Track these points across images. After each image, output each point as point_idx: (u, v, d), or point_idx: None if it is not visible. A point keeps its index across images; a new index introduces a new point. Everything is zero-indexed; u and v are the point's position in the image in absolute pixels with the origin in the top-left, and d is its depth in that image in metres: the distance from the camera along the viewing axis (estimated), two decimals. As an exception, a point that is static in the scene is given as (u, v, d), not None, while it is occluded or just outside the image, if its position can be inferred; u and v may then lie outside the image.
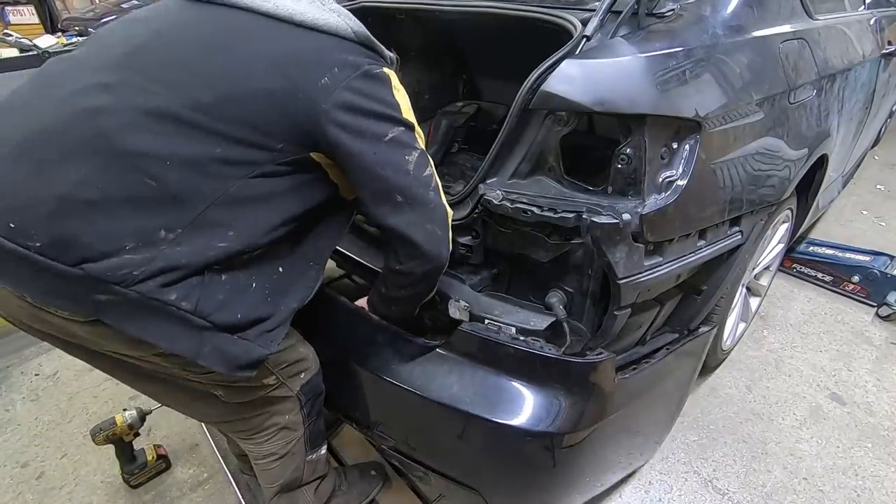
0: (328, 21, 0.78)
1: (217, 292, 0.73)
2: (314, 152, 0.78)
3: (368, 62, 0.79)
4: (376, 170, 0.79)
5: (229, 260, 0.74)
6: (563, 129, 0.94)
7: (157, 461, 1.48)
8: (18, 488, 1.48)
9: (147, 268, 0.67)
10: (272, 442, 1.04)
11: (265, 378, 0.94)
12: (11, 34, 2.58)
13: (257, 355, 0.79)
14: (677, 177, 0.96)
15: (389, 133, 0.79)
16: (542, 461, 0.97)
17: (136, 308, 0.68)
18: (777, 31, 1.27)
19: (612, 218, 0.89)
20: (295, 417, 1.04)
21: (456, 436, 1.01)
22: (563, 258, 1.01)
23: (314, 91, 0.74)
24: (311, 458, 1.12)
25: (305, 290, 0.88)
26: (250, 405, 0.98)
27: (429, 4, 1.35)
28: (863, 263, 2.21)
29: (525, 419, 0.92)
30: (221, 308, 0.74)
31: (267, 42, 0.76)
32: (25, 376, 1.90)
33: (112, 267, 0.66)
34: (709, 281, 1.27)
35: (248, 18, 0.77)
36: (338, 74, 0.75)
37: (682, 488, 1.43)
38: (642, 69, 0.92)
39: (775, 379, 1.81)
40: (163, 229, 0.69)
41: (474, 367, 0.98)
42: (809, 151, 1.41)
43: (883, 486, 1.44)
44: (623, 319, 1.02)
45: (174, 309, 0.69)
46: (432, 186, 0.84)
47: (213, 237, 0.72)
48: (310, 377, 1.03)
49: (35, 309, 0.72)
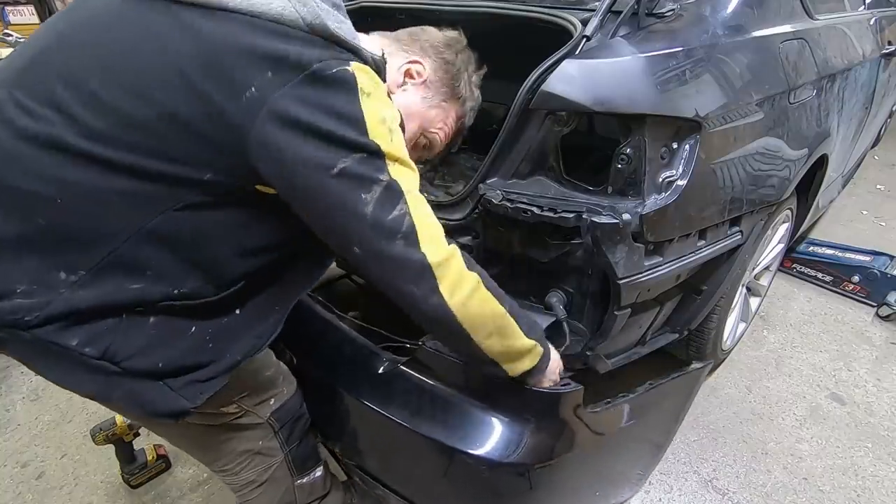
0: (269, 7, 0.57)
1: (138, 337, 0.63)
2: (259, 184, 0.62)
3: (320, 60, 0.57)
4: (324, 213, 0.61)
5: (155, 304, 0.63)
6: (563, 129, 0.94)
7: (157, 461, 1.48)
8: (18, 488, 1.48)
9: (41, 313, 0.58)
10: (248, 470, 0.92)
11: (224, 407, 0.83)
12: (11, 34, 2.59)
13: (178, 407, 0.67)
14: (677, 177, 0.97)
15: (339, 163, 0.58)
16: (499, 492, 0.92)
17: (36, 348, 0.61)
18: (777, 31, 1.27)
19: (612, 218, 0.89)
20: (269, 443, 0.92)
21: (411, 456, 0.97)
22: (563, 258, 1.01)
23: (236, 109, 0.56)
24: (303, 482, 1.01)
25: (257, 340, 0.74)
26: (217, 430, 0.87)
27: (429, 4, 1.35)
28: (863, 263, 2.21)
29: (481, 446, 0.87)
30: (140, 354, 0.64)
31: (182, 44, 0.56)
32: (25, 376, 1.90)
33: (3, 310, 0.58)
34: (709, 281, 1.27)
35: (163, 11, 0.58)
36: (270, 81, 0.55)
37: (682, 488, 1.43)
38: (642, 69, 0.92)
39: (775, 379, 1.81)
40: (62, 271, 0.59)
41: (436, 388, 0.94)
42: (809, 151, 1.41)
43: (883, 486, 1.44)
44: (623, 319, 1.02)
45: (76, 354, 0.61)
46: (400, 234, 0.61)
47: (125, 279, 0.61)
48: (282, 402, 0.93)
49: None
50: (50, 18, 0.70)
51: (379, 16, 1.64)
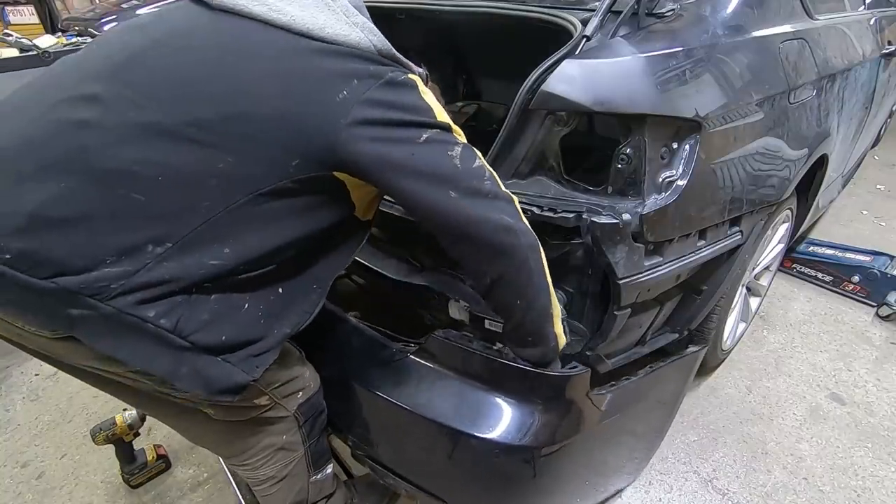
0: (349, 37, 0.71)
1: (203, 312, 0.69)
2: (336, 171, 0.72)
3: (391, 71, 0.72)
4: (418, 170, 0.71)
5: (222, 279, 0.69)
6: (563, 129, 0.94)
7: (157, 461, 1.48)
8: (18, 488, 1.48)
9: (126, 282, 0.63)
10: (270, 465, 0.99)
11: (257, 398, 0.89)
12: (11, 34, 2.58)
13: (240, 380, 0.73)
14: (677, 177, 0.97)
15: (423, 135, 0.72)
16: (508, 475, 0.95)
17: (110, 324, 0.64)
18: (777, 31, 1.27)
19: (612, 218, 0.89)
20: (293, 437, 0.99)
21: (422, 444, 0.99)
22: (563, 258, 1.01)
23: (331, 106, 0.68)
24: (316, 478, 1.07)
25: (303, 315, 0.82)
26: (243, 425, 0.93)
27: (429, 4, 1.35)
28: (863, 263, 2.21)
29: (491, 430, 0.90)
30: (205, 328, 0.69)
31: (279, 59, 0.69)
32: (25, 376, 1.90)
33: (89, 280, 0.62)
34: (709, 281, 1.27)
35: (259, 30, 0.70)
36: (357, 87, 0.69)
37: (682, 488, 1.43)
38: (642, 69, 0.92)
39: (775, 379, 1.81)
40: (150, 244, 0.65)
41: (445, 375, 0.97)
42: (809, 151, 1.41)
43: (883, 486, 1.44)
44: (623, 319, 1.01)
45: (151, 326, 0.65)
46: (486, 177, 0.76)
47: (206, 254, 0.67)
48: (308, 396, 0.98)
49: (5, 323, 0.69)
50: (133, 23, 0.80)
51: (379, 16, 1.64)
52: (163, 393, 0.80)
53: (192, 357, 0.69)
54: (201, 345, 0.69)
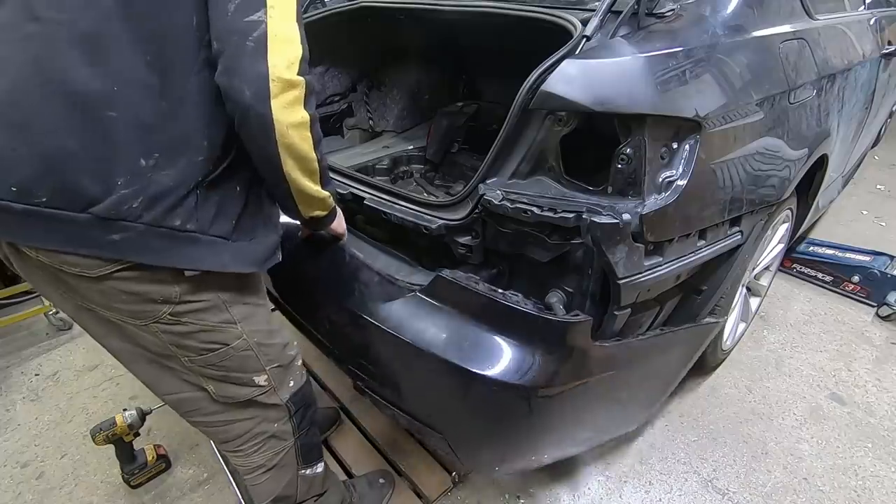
0: None
1: (210, 208, 0.76)
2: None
3: None
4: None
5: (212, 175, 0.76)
6: (563, 129, 0.95)
7: (157, 461, 1.48)
8: (18, 488, 1.48)
9: (143, 197, 0.69)
10: (261, 453, 1.03)
11: (256, 375, 0.94)
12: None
13: (272, 242, 0.86)
14: (677, 177, 0.97)
15: None
16: (504, 412, 0.98)
17: (150, 239, 0.71)
18: (777, 31, 1.27)
19: (612, 218, 0.89)
20: (284, 427, 1.03)
21: (424, 378, 1.03)
22: (563, 258, 1.01)
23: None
24: (306, 473, 1.11)
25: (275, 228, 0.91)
26: (241, 408, 0.98)
27: (429, 4, 1.35)
28: (863, 263, 2.21)
29: (493, 369, 0.93)
30: (216, 220, 0.77)
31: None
32: (25, 376, 1.90)
33: (114, 204, 0.68)
34: (709, 281, 1.27)
35: None
36: None
37: (682, 488, 1.43)
38: (642, 69, 0.92)
39: (775, 379, 1.81)
40: (141, 157, 0.69)
41: (450, 315, 1.00)
42: (809, 151, 1.41)
43: (883, 486, 1.44)
44: (623, 319, 1.02)
45: (182, 233, 0.73)
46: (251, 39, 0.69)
47: (191, 152, 0.73)
48: (299, 386, 1.04)
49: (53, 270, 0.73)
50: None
51: (379, 16, 1.64)
52: (180, 356, 0.86)
53: (224, 246, 0.78)
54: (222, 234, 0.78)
